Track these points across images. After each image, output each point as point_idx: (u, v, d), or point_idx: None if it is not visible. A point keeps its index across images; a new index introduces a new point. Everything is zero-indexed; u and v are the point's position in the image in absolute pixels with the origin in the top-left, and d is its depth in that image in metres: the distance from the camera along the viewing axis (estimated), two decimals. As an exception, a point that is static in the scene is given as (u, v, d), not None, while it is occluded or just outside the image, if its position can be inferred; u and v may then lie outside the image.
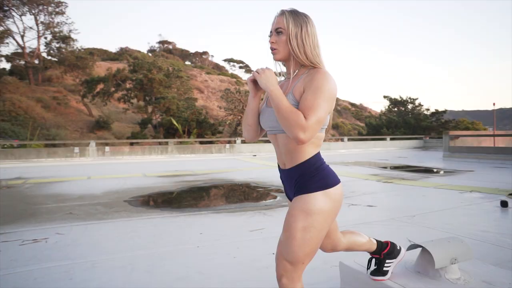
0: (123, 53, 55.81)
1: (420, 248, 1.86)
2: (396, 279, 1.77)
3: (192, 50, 74.63)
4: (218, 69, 70.96)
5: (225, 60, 77.20)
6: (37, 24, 34.14)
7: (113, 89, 25.82)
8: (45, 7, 33.78)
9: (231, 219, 4.26)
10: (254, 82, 1.39)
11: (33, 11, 33.75)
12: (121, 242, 3.34)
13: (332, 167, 1.47)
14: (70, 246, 3.22)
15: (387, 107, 31.73)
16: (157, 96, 23.67)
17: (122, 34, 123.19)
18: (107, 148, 14.18)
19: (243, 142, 16.65)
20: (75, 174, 9.32)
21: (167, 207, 5.37)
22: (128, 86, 25.51)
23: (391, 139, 21.75)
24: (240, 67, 78.15)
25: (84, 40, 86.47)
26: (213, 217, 4.38)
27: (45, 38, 34.19)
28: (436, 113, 28.80)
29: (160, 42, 73.49)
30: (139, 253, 2.97)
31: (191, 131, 22.29)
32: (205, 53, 75.72)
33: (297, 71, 1.40)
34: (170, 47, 73.38)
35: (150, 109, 24.16)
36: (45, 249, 3.13)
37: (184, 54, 72.16)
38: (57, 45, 33.57)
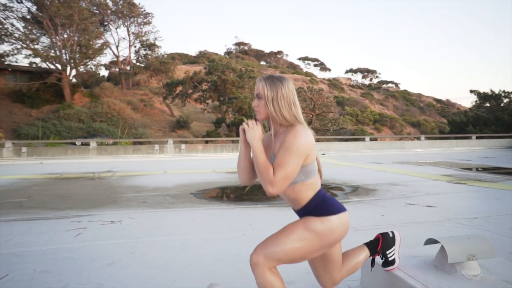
0: (202, 56, 59.28)
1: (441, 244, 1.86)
2: (409, 271, 1.81)
3: (267, 50, 75.82)
4: (293, 68, 71.17)
5: (299, 59, 77.10)
6: (128, 35, 38.21)
7: (190, 90, 27.72)
8: (135, 19, 37.59)
9: (282, 213, 4.45)
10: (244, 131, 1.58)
11: (126, 24, 37.84)
12: (178, 227, 3.78)
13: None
14: (138, 228, 3.75)
15: (475, 103, 28.64)
16: (230, 96, 24.81)
17: (201, 38, 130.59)
18: (183, 146, 15.39)
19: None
20: (154, 169, 10.37)
21: (227, 200, 5.78)
22: (204, 87, 27.15)
23: (478, 137, 19.66)
24: (315, 65, 77.32)
25: (167, 45, 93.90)
26: (266, 210, 4.63)
27: (135, 46, 38.10)
28: (539, 107, 25.19)
29: (236, 44, 76.35)
30: (191, 236, 3.35)
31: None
32: (279, 52, 76.52)
33: (278, 129, 1.57)
34: (246, 48, 75.75)
35: (224, 109, 25.42)
36: (118, 229, 3.70)
37: (259, 54, 73.87)
38: (144, 52, 37.15)
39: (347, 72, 76.47)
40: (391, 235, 1.88)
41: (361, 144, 17.32)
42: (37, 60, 28.85)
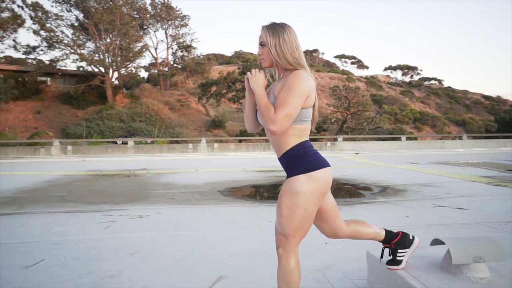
0: (237, 57, 59.88)
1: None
2: (413, 271, 1.78)
3: (302, 49, 75.33)
4: (329, 66, 70.01)
5: (336, 57, 75.63)
6: (166, 37, 39.48)
7: (224, 90, 28.16)
8: (173, 21, 38.77)
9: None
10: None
11: (164, 27, 39.14)
12: (201, 223, 3.91)
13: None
14: (162, 222, 3.93)
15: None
16: (263, 96, 24.87)
17: (236, 39, 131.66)
18: (215, 145, 15.71)
19: (345, 140, 16.32)
20: (187, 167, 10.69)
21: (252, 198, 5.86)
22: (237, 87, 27.48)
23: (529, 137, 18.32)
24: (352, 63, 75.54)
25: (204, 46, 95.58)
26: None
27: (172, 48, 39.30)
28: None
29: (271, 44, 76.30)
30: (210, 232, 3.47)
31: (295, 129, 22.72)
32: (315, 51, 75.61)
33: (282, 74, 1.62)
34: (281, 47, 75.47)
35: (257, 108, 25.57)
36: (144, 223, 3.90)
37: (294, 53, 73.40)
38: (181, 54, 38.24)
39: (386, 69, 74.04)
40: (411, 237, 1.87)
41: (396, 143, 16.75)
42: (83, 64, 30.66)
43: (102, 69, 31.01)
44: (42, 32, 28.75)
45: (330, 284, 2.21)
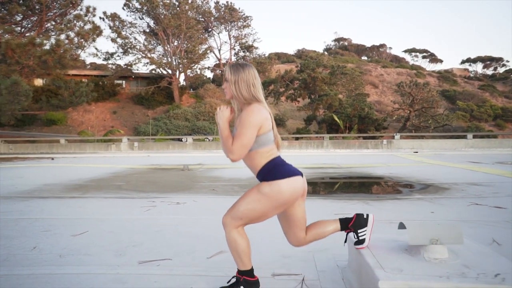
0: (299, 55, 59.68)
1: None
2: (375, 250, 1.90)
3: (368, 44, 72.52)
4: (397, 61, 66.39)
5: (405, 51, 71.43)
6: (229, 38, 40.98)
7: (282, 89, 28.41)
8: (235, 23, 40.09)
9: (331, 204, 4.57)
10: None
11: (227, 28, 40.65)
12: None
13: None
14: (195, 209, 4.37)
15: None
16: (320, 93, 24.69)
17: (300, 37, 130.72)
18: (268, 142, 16.09)
19: (403, 138, 15.58)
20: (238, 163, 11.16)
21: (287, 191, 6.07)
22: (295, 85, 27.58)
23: None
24: (424, 57, 70.69)
25: (268, 46, 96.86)
26: (318, 202, 4.80)
27: (234, 49, 40.65)
28: None
29: (335, 40, 74.84)
30: (230, 217, 3.79)
31: (353, 127, 22.24)
32: (382, 45, 72.26)
33: (242, 106, 1.89)
34: (346, 43, 73.58)
35: (314, 106, 25.45)
36: (178, 209, 4.37)
37: (360, 49, 70.91)
38: (243, 54, 39.38)
39: (463, 62, 67.89)
40: (365, 216, 2.02)
41: (461, 142, 15.49)
42: (153, 67, 33.23)
43: (170, 71, 33.30)
44: (118, 40, 31.81)
45: (314, 263, 2.40)
